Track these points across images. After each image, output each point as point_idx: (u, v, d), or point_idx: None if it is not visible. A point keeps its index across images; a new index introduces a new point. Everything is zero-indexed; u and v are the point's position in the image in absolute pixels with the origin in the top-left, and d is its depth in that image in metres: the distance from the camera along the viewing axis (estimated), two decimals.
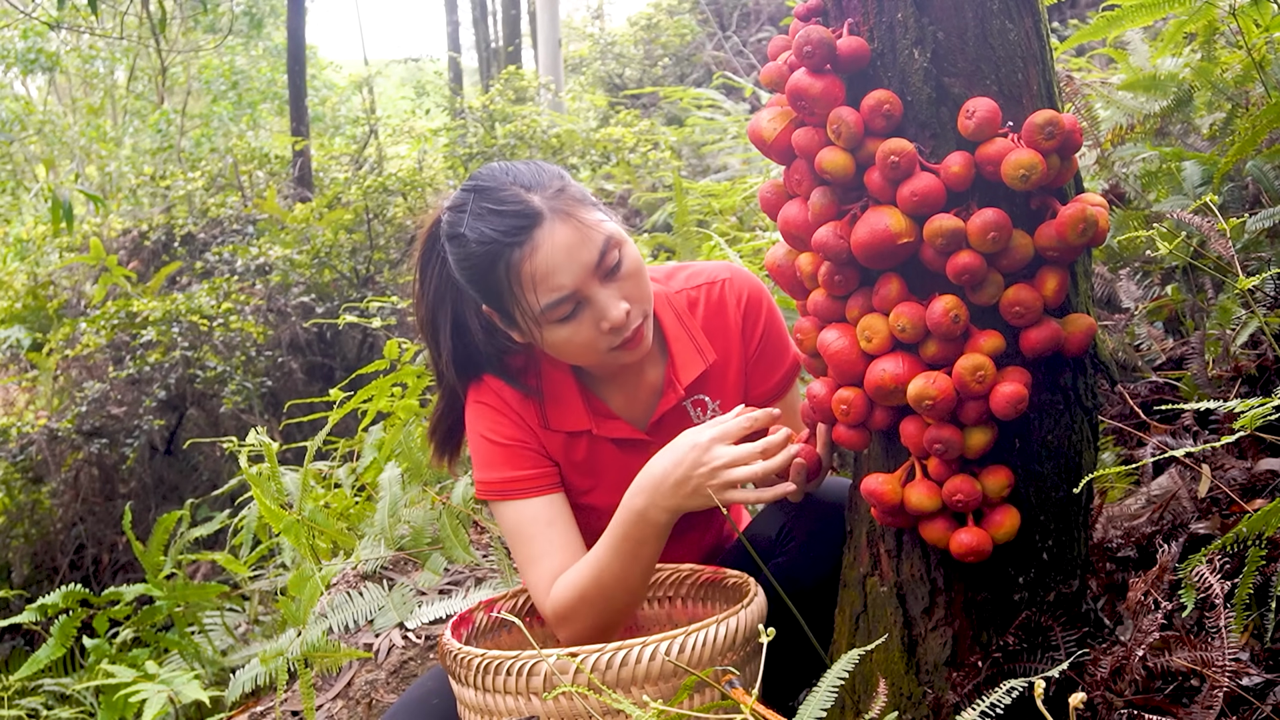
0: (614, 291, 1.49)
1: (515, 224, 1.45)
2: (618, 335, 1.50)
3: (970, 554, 1.22)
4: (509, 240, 1.45)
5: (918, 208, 1.17)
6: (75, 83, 13.47)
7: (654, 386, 1.67)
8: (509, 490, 1.59)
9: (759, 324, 1.69)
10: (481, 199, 1.49)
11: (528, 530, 1.57)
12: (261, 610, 3.23)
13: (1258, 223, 2.00)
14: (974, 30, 1.19)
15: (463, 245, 1.50)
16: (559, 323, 1.48)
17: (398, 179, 6.18)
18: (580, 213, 1.48)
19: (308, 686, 2.14)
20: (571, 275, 1.45)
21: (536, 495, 1.59)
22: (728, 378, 1.68)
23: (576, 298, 1.47)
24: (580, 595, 1.49)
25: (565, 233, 1.45)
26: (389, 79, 18.85)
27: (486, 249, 1.47)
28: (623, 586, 1.48)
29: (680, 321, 1.67)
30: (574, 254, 1.45)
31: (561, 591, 1.51)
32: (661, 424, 1.65)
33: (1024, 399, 1.19)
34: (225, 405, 5.19)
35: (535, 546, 1.56)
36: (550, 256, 1.44)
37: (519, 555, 1.58)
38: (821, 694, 1.06)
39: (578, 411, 1.63)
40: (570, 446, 1.64)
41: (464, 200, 1.51)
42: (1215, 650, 1.19)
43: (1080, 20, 6.30)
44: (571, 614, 1.50)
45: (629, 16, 11.52)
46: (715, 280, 1.69)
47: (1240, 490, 1.66)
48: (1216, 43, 2.46)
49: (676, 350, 1.65)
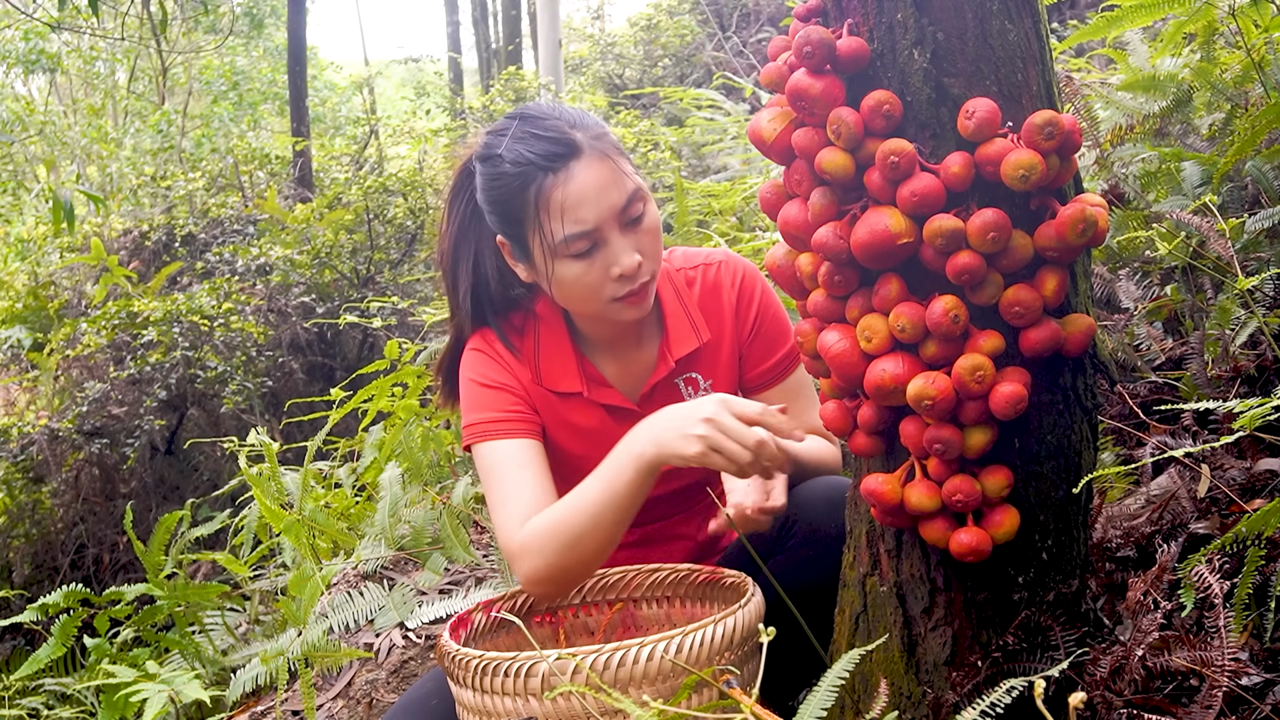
0: (631, 241, 1.52)
1: (554, 150, 1.49)
2: (624, 285, 1.53)
3: (970, 554, 1.22)
4: (545, 165, 1.49)
5: (917, 208, 1.17)
6: (76, 83, 13.48)
7: (648, 360, 1.69)
8: (488, 430, 1.60)
9: (753, 304, 1.71)
10: (525, 124, 1.53)
11: (501, 469, 1.58)
12: (262, 610, 3.23)
13: (1257, 223, 2.00)
14: (974, 31, 1.19)
15: (496, 165, 1.53)
16: (573, 258, 1.51)
17: (398, 179, 6.19)
18: (616, 158, 1.53)
19: (308, 686, 2.14)
20: (597, 212, 1.49)
21: (513, 437, 1.60)
22: (720, 358, 1.70)
23: (595, 236, 1.50)
24: (553, 524, 1.47)
25: (599, 170, 1.50)
26: (389, 79, 18.86)
27: (520, 170, 1.50)
28: (594, 522, 1.45)
29: (678, 297, 1.70)
30: (604, 193, 1.49)
31: (535, 523, 1.49)
32: (652, 396, 1.67)
33: (1023, 399, 1.19)
34: (226, 405, 5.19)
35: (507, 487, 1.56)
36: (581, 189, 1.48)
37: (491, 496, 1.58)
38: (821, 694, 1.06)
39: (572, 373, 1.65)
40: (561, 408, 1.66)
41: (507, 125, 1.55)
42: (1214, 650, 1.19)
43: (1080, 20, 6.30)
44: (537, 546, 1.48)
45: (629, 17, 11.52)
46: (711, 262, 1.73)
47: (1240, 490, 1.66)
48: (1216, 43, 2.47)
49: (672, 325, 1.68)
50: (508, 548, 1.53)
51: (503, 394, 1.62)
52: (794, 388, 1.73)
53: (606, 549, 1.49)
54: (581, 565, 1.49)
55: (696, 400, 1.43)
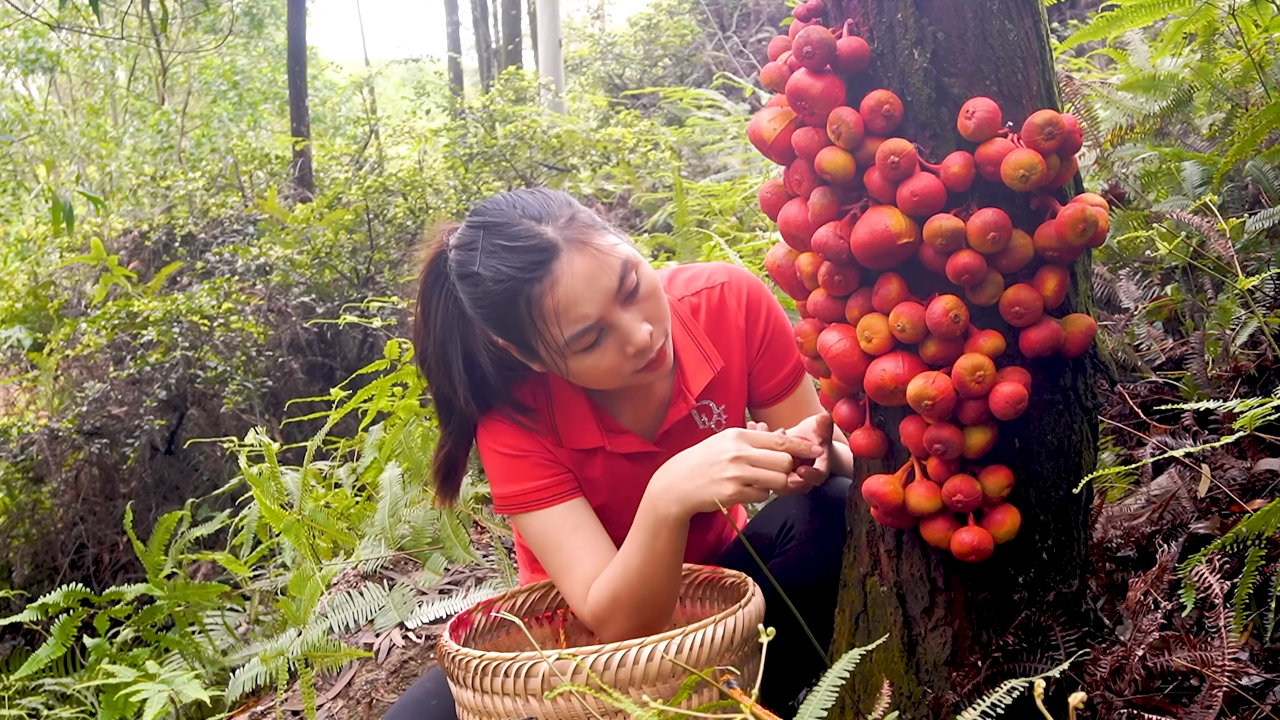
0: (635, 314, 1.47)
1: (532, 259, 1.43)
2: (642, 358, 1.49)
3: (971, 553, 1.22)
4: (527, 276, 1.42)
5: (918, 208, 1.17)
6: (76, 83, 13.48)
7: (662, 398, 1.66)
8: (529, 501, 1.57)
9: (760, 321, 1.69)
10: (492, 235, 1.46)
11: (554, 539, 1.56)
12: (262, 610, 3.23)
13: (1257, 223, 2.00)
14: (974, 30, 1.19)
15: (478, 284, 1.46)
16: (584, 352, 1.47)
17: (398, 179, 6.19)
18: (595, 239, 1.45)
19: (308, 686, 2.14)
20: (595, 304, 1.44)
21: (558, 503, 1.57)
22: (731, 381, 1.68)
23: (600, 325, 1.45)
24: (613, 596, 1.49)
25: (583, 262, 1.43)
26: (389, 79, 18.86)
27: (505, 286, 1.44)
28: (648, 585, 1.47)
29: (686, 330, 1.66)
30: (594, 282, 1.43)
31: (596, 594, 1.51)
32: (670, 434, 1.65)
33: (1023, 399, 1.19)
34: (226, 405, 5.19)
35: (564, 555, 1.55)
36: (571, 288, 1.42)
37: (550, 566, 1.57)
38: (822, 694, 1.06)
39: (589, 429, 1.62)
40: (584, 464, 1.63)
41: (473, 238, 1.47)
42: (1215, 650, 1.19)
43: (1080, 20, 6.30)
44: (608, 616, 1.50)
45: (629, 17, 11.52)
46: (714, 284, 1.68)
47: (1240, 490, 1.66)
48: (1216, 43, 2.47)
49: (685, 360, 1.64)
50: (580, 614, 1.54)
51: (533, 461, 1.58)
52: (802, 399, 1.72)
53: (673, 594, 1.51)
54: (656, 615, 1.50)
55: (710, 443, 1.42)
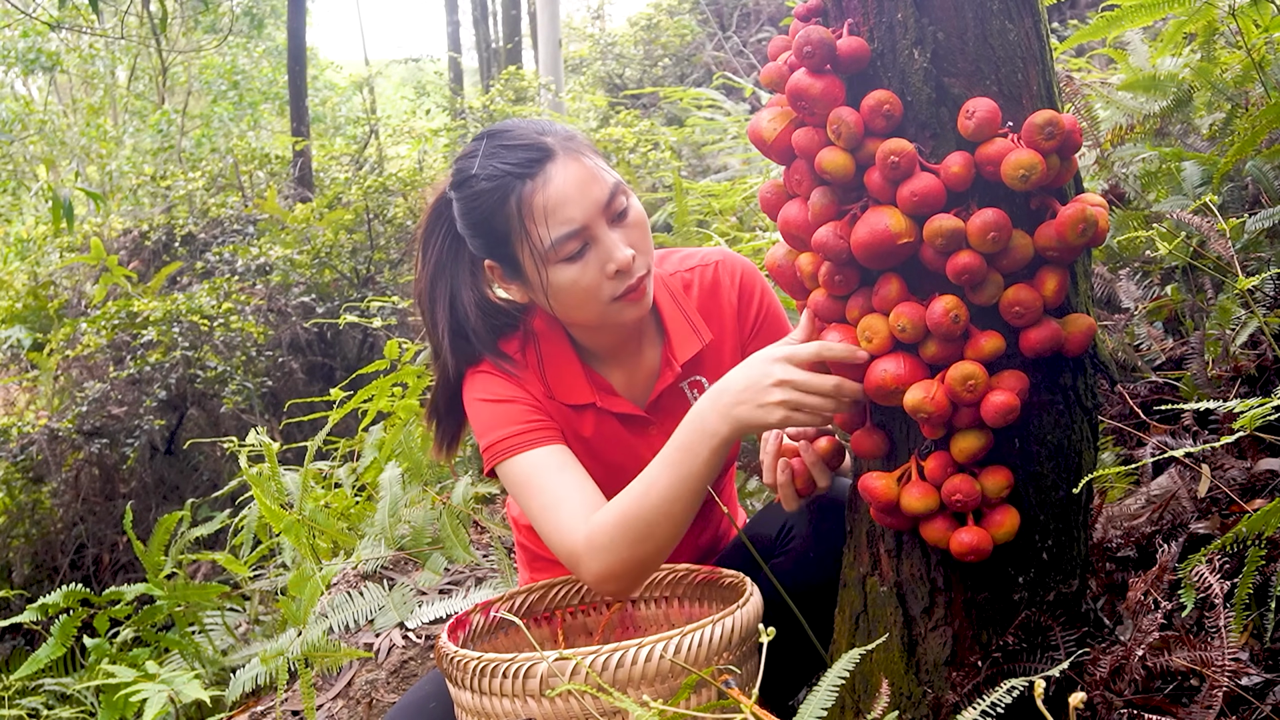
0: (620, 236, 1.50)
1: (528, 157, 1.48)
2: (622, 281, 1.50)
3: (971, 553, 1.22)
4: (521, 172, 1.47)
5: (918, 208, 1.17)
6: (76, 82, 13.47)
7: (651, 367, 1.67)
8: (513, 445, 1.52)
9: (754, 302, 1.70)
10: (493, 141, 1.52)
11: (540, 477, 1.50)
12: (262, 610, 3.23)
13: (1257, 223, 2.00)
14: (974, 30, 1.19)
15: (473, 185, 1.51)
16: (566, 262, 1.48)
17: (398, 179, 6.19)
18: (591, 155, 1.52)
19: (308, 686, 2.14)
20: (582, 209, 1.47)
21: (545, 444, 1.52)
22: (723, 358, 1.68)
23: (585, 235, 1.48)
24: (621, 517, 1.40)
25: (576, 169, 1.48)
26: (389, 79, 18.86)
27: (497, 184, 1.48)
28: (664, 509, 1.38)
29: (675, 302, 1.67)
30: (585, 188, 1.47)
31: (601, 517, 1.42)
32: (660, 403, 1.66)
33: (1015, 409, 1.19)
34: (226, 405, 5.19)
35: (554, 491, 1.48)
36: (562, 188, 1.46)
37: (535, 508, 1.49)
38: (822, 694, 1.06)
39: (581, 385, 1.62)
40: (575, 421, 1.62)
41: (475, 147, 1.54)
42: (1215, 650, 1.19)
43: (1080, 20, 6.30)
44: (606, 543, 1.41)
45: (629, 17, 11.52)
46: (708, 262, 1.71)
47: (1240, 490, 1.66)
48: (1216, 43, 2.46)
49: (673, 330, 1.65)
50: (571, 549, 1.44)
51: (519, 406, 1.55)
52: None
53: (677, 537, 1.42)
54: (655, 556, 1.42)
55: (752, 363, 1.34)
